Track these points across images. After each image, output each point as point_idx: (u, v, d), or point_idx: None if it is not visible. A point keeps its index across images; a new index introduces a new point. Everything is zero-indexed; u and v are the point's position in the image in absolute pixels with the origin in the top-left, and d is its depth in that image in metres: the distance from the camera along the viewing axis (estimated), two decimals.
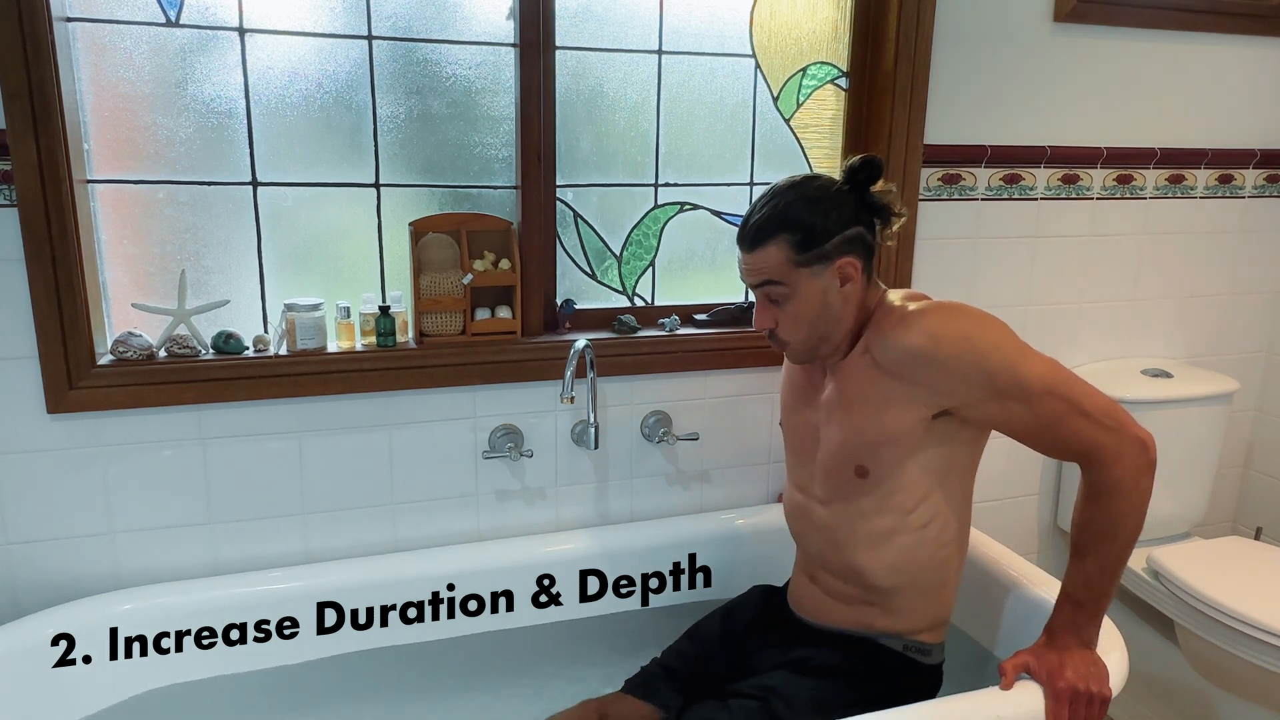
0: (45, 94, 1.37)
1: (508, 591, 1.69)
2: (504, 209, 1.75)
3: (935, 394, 1.24)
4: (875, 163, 1.27)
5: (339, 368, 1.61)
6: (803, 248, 1.25)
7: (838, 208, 1.26)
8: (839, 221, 1.26)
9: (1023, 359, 1.21)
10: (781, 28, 1.87)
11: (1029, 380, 1.20)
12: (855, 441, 1.31)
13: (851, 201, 1.27)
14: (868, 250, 1.29)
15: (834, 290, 1.27)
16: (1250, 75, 2.12)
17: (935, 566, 1.35)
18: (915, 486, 1.30)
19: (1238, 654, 1.75)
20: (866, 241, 1.28)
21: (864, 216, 1.28)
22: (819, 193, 1.27)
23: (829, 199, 1.26)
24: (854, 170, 1.27)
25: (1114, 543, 1.22)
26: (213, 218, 1.60)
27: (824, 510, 1.38)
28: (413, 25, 1.63)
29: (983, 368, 1.20)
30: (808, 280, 1.27)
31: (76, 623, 1.46)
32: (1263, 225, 2.24)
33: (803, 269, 1.26)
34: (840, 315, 1.29)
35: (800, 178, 1.30)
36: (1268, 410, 2.36)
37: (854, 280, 1.28)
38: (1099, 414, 1.20)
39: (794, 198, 1.27)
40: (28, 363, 1.46)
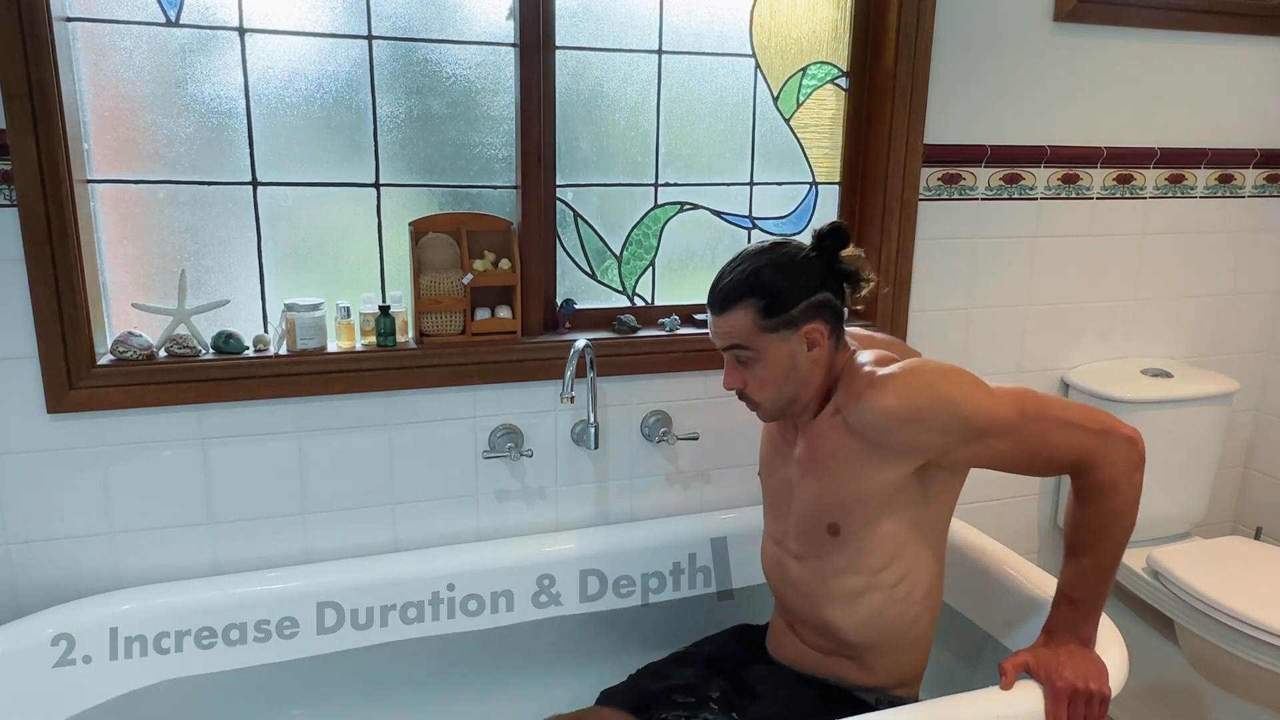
0: (45, 94, 1.37)
1: (508, 591, 1.69)
2: (504, 209, 1.75)
3: (917, 451, 1.25)
4: (842, 230, 1.29)
5: (339, 368, 1.61)
6: (769, 313, 1.27)
7: (805, 274, 1.28)
8: (806, 287, 1.27)
9: (993, 397, 1.22)
10: (781, 28, 1.87)
11: (1004, 414, 1.21)
12: (828, 501, 1.33)
13: (819, 268, 1.29)
14: (835, 315, 1.31)
15: (801, 354, 1.29)
16: (1250, 75, 2.12)
17: (906, 624, 1.36)
18: (887, 544, 1.31)
19: (1238, 654, 1.75)
20: (834, 306, 1.30)
21: (831, 282, 1.30)
22: (786, 259, 1.29)
23: (796, 265, 1.28)
24: (822, 236, 1.29)
25: (1109, 540, 1.24)
26: (213, 218, 1.60)
27: (798, 566, 1.40)
28: (413, 25, 1.63)
29: (959, 415, 1.21)
30: (774, 344, 1.28)
31: (76, 623, 1.46)
32: (1263, 225, 2.24)
33: (769, 334, 1.28)
34: (808, 378, 1.31)
35: (769, 243, 1.32)
36: (1268, 410, 2.36)
37: (821, 345, 1.29)
38: (1081, 422, 1.22)
39: (762, 263, 1.28)
40: (28, 363, 1.46)
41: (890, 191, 1.88)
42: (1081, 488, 1.25)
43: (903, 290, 1.94)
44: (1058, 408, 1.23)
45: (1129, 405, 1.99)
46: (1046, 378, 2.14)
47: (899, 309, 1.95)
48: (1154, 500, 2.06)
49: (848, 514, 1.31)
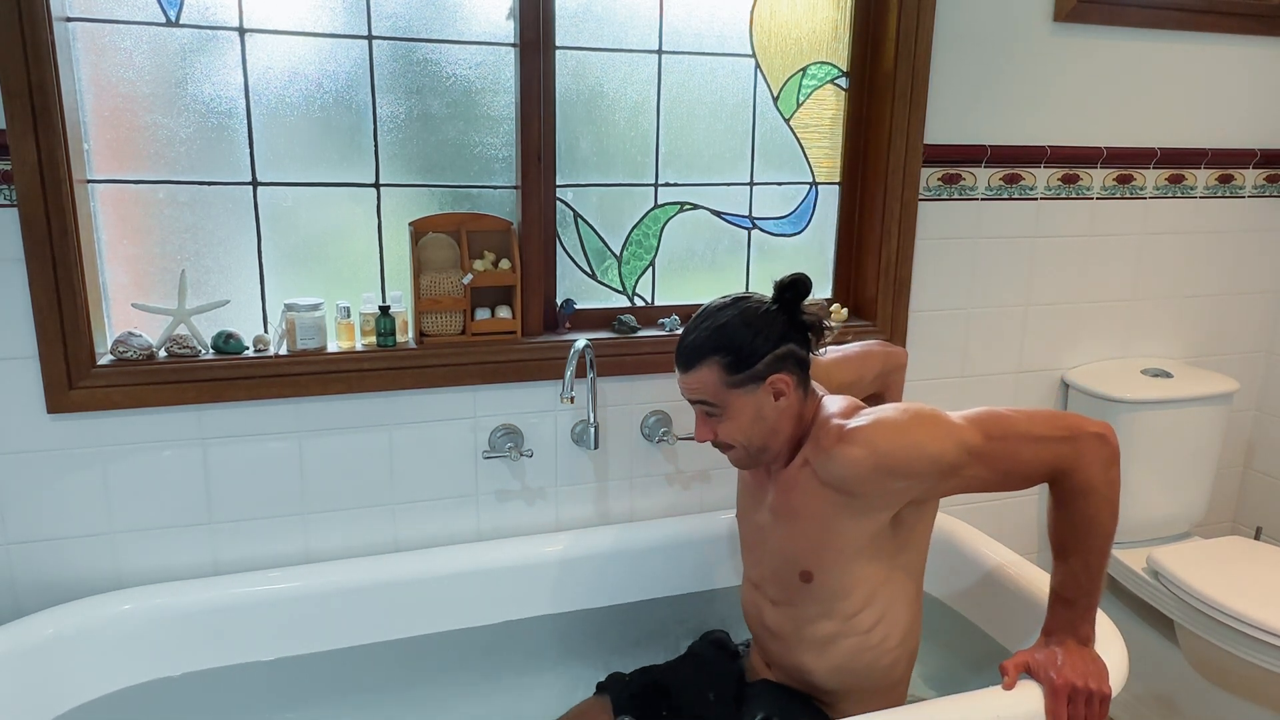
0: (45, 94, 1.37)
1: (507, 591, 1.69)
2: (504, 209, 1.75)
3: (894, 498, 1.26)
4: (803, 281, 1.30)
5: (339, 368, 1.61)
6: (734, 369, 1.28)
7: (767, 327, 1.28)
8: (769, 341, 1.28)
9: (956, 430, 1.22)
10: (781, 28, 1.87)
11: (971, 443, 1.22)
12: (801, 548, 1.33)
13: (781, 320, 1.30)
14: (800, 364, 1.31)
15: (769, 405, 1.30)
16: (1250, 75, 2.12)
17: (881, 671, 1.36)
18: (861, 590, 1.31)
19: (1238, 654, 1.75)
20: (798, 357, 1.31)
21: (794, 334, 1.30)
22: (749, 314, 1.29)
23: (759, 319, 1.29)
24: (783, 288, 1.30)
25: (1095, 539, 1.24)
26: (213, 218, 1.60)
27: (773, 610, 1.40)
28: (413, 25, 1.63)
29: (927, 457, 1.22)
30: (741, 398, 1.29)
31: (76, 623, 1.46)
32: (1263, 225, 2.24)
33: (736, 389, 1.29)
34: (777, 427, 1.32)
35: (731, 299, 1.33)
36: (1268, 410, 2.36)
37: (787, 395, 1.30)
38: (1048, 432, 1.23)
39: (724, 320, 1.29)
40: (28, 363, 1.46)
41: (890, 191, 1.88)
42: (1059, 493, 1.25)
43: (903, 290, 1.94)
44: (1022, 422, 1.23)
45: (1129, 405, 1.99)
46: (1046, 378, 2.14)
47: (899, 309, 1.95)
48: (1154, 500, 2.07)
49: (820, 562, 1.31)
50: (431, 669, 1.65)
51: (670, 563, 1.78)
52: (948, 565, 1.76)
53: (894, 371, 1.65)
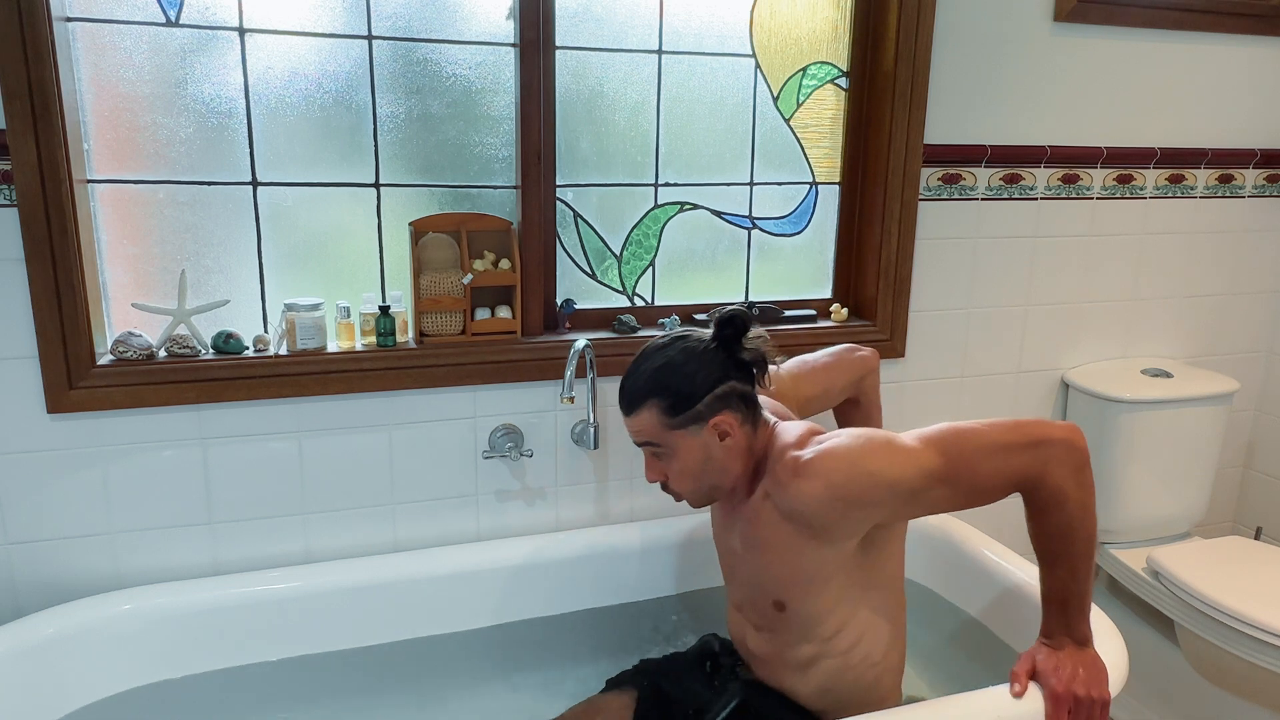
0: (45, 94, 1.37)
1: (507, 591, 1.69)
2: (504, 209, 1.75)
3: (857, 526, 1.24)
4: (741, 317, 1.27)
5: (339, 368, 1.61)
6: (674, 411, 1.25)
7: (706, 367, 1.26)
8: (708, 380, 1.25)
9: (913, 454, 1.19)
10: (781, 28, 1.87)
11: (930, 466, 1.18)
12: (771, 579, 1.32)
13: (721, 358, 1.27)
14: (745, 400, 1.28)
15: (714, 446, 1.27)
16: (1250, 75, 2.12)
17: (866, 687, 1.34)
18: (837, 613, 1.30)
19: (1238, 654, 1.75)
20: (741, 393, 1.28)
21: (735, 371, 1.27)
22: (685, 354, 1.27)
23: (696, 359, 1.26)
24: (721, 325, 1.27)
25: (1075, 544, 1.21)
26: (213, 218, 1.60)
27: (755, 634, 1.40)
28: (413, 25, 1.63)
29: (884, 483, 1.18)
30: (685, 440, 1.27)
31: (76, 623, 1.46)
32: (1263, 225, 2.24)
33: (678, 431, 1.26)
34: (726, 466, 1.29)
35: (669, 339, 1.30)
36: (1268, 410, 2.36)
37: (733, 434, 1.27)
38: (1010, 442, 1.19)
39: (662, 361, 1.27)
40: (28, 363, 1.46)
41: (890, 191, 1.88)
42: (1032, 504, 1.22)
43: (903, 290, 1.94)
44: (982, 436, 1.19)
45: (1129, 405, 1.99)
46: (1046, 378, 2.14)
47: (899, 309, 1.95)
48: (1154, 500, 2.07)
49: (791, 592, 1.30)
50: (431, 669, 1.64)
51: (670, 562, 1.78)
52: (947, 563, 1.76)
53: (867, 376, 1.63)
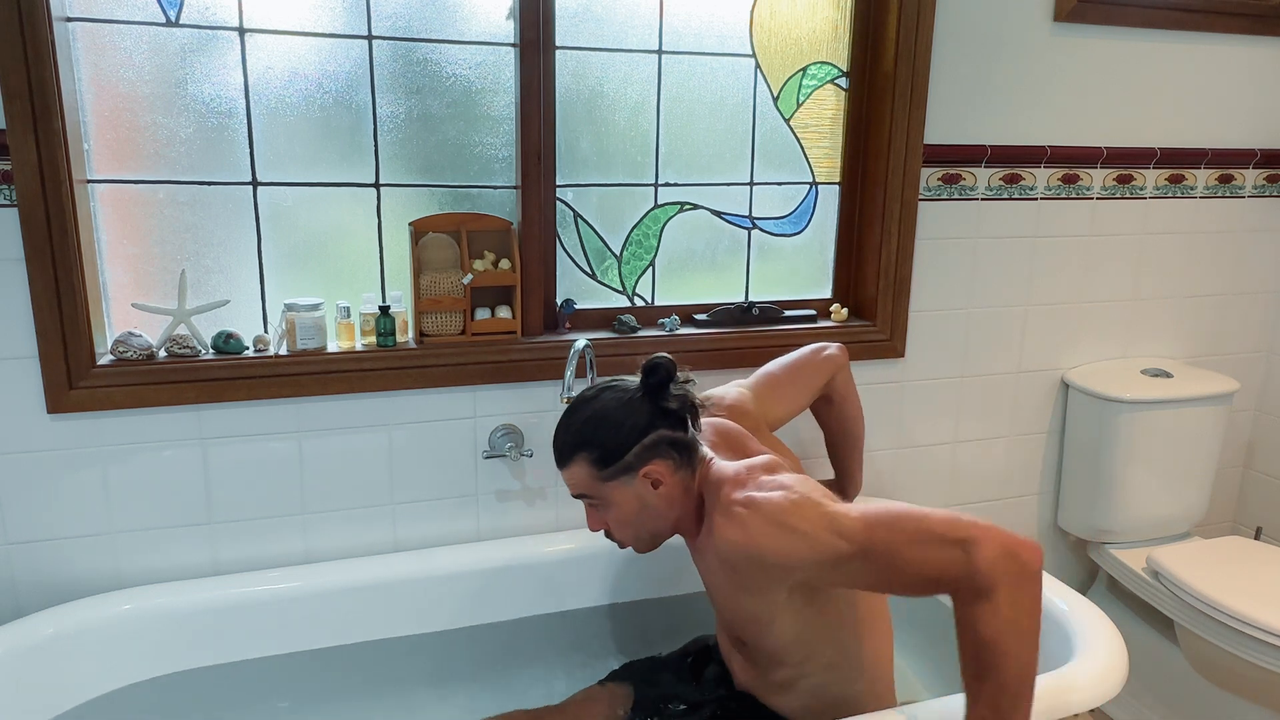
0: (45, 94, 1.37)
1: (507, 591, 1.69)
2: (504, 209, 1.75)
3: (775, 581, 1.20)
4: (664, 364, 1.26)
5: (339, 368, 1.61)
6: (604, 463, 1.25)
7: (631, 417, 1.25)
8: (635, 431, 1.24)
9: (838, 525, 1.12)
10: (781, 28, 1.87)
11: (852, 536, 1.11)
12: (727, 617, 1.32)
13: (647, 407, 1.26)
14: (676, 447, 1.26)
15: (648, 494, 1.26)
16: (1250, 75, 2.12)
17: (854, 698, 1.32)
18: (802, 643, 1.28)
19: (1238, 654, 1.75)
20: (671, 440, 1.25)
21: (662, 419, 1.25)
22: (610, 406, 1.26)
23: (623, 409, 1.25)
24: (646, 373, 1.26)
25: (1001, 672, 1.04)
26: (213, 218, 1.60)
27: (738, 657, 1.39)
28: (413, 25, 1.63)
29: (802, 548, 1.13)
30: (618, 491, 1.26)
31: (76, 623, 1.46)
32: (1263, 225, 2.24)
33: (610, 482, 1.26)
34: (663, 512, 1.28)
35: (597, 389, 1.30)
36: (1268, 410, 2.36)
37: (666, 482, 1.26)
38: (946, 532, 1.08)
39: (589, 414, 1.26)
40: (28, 363, 1.46)
41: (890, 191, 1.88)
42: (956, 608, 1.09)
43: (903, 290, 1.94)
44: (921, 521, 1.09)
45: (1129, 405, 1.99)
46: (1046, 378, 2.14)
47: (899, 309, 1.95)
48: (1154, 500, 2.07)
49: (746, 630, 1.29)
50: (432, 669, 1.65)
51: (670, 562, 1.78)
52: None
53: (837, 374, 1.61)
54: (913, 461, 2.06)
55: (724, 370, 1.85)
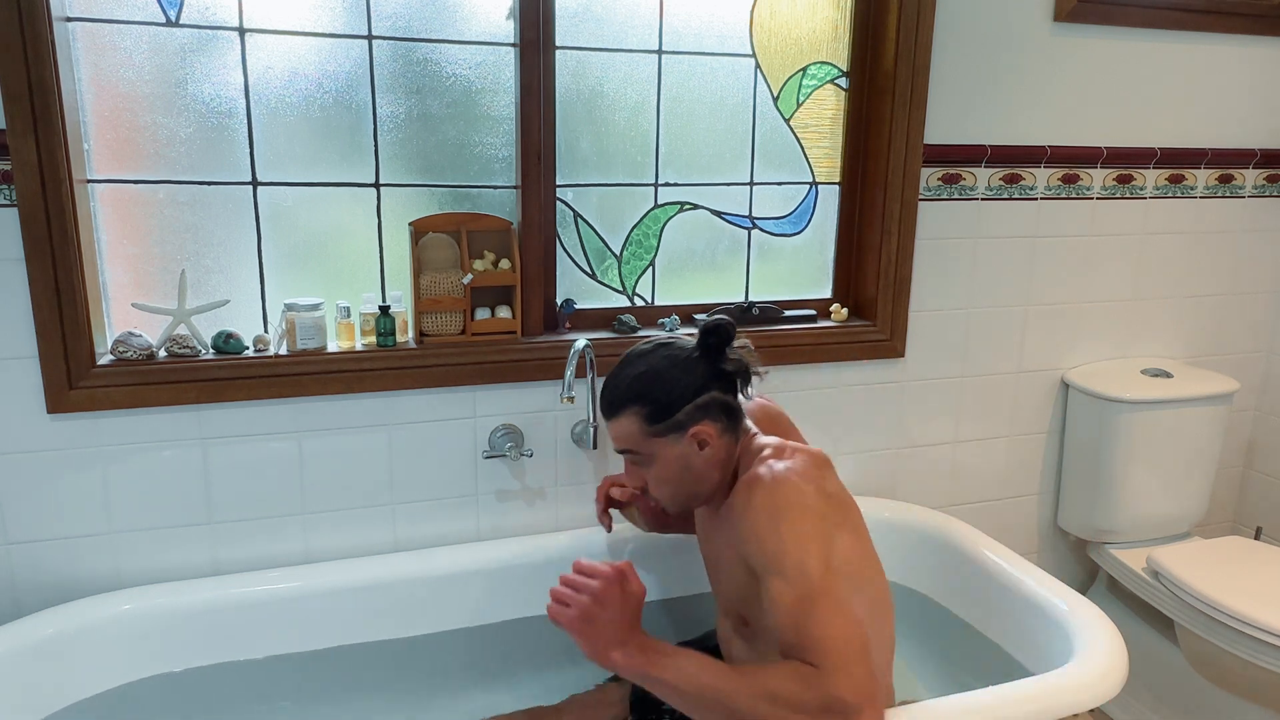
0: (45, 94, 1.37)
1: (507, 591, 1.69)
2: (504, 209, 1.75)
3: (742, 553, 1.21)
4: (725, 326, 1.26)
5: (339, 368, 1.61)
6: (654, 419, 1.25)
7: (687, 375, 1.25)
8: (689, 390, 1.25)
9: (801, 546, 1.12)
10: (781, 27, 1.87)
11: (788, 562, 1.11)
12: (732, 593, 1.32)
13: (704, 367, 1.26)
14: (726, 411, 1.28)
15: (693, 454, 1.27)
16: (1250, 75, 2.12)
17: None
18: None
19: (1238, 654, 1.75)
20: (722, 403, 1.27)
21: (717, 381, 1.27)
22: (667, 362, 1.26)
23: (678, 367, 1.26)
24: (705, 334, 1.27)
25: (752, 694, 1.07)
26: (213, 218, 1.60)
27: (739, 642, 1.38)
28: (413, 25, 1.63)
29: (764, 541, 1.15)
30: (664, 448, 1.27)
31: (76, 623, 1.46)
32: (1263, 225, 2.24)
33: (658, 438, 1.26)
34: (704, 474, 1.29)
35: (653, 345, 1.30)
36: (1268, 410, 2.36)
37: (712, 444, 1.26)
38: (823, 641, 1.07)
39: (644, 368, 1.27)
40: (28, 363, 1.47)
41: (890, 191, 1.88)
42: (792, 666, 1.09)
43: (903, 290, 1.94)
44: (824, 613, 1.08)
45: (1129, 405, 1.99)
46: (1046, 378, 2.14)
47: (899, 309, 1.95)
48: (1154, 500, 2.07)
49: (748, 607, 1.29)
50: (431, 669, 1.65)
51: (670, 562, 1.78)
52: (948, 564, 1.76)
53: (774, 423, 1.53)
54: (913, 461, 2.06)
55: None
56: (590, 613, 1.12)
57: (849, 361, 1.94)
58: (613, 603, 1.12)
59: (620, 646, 1.12)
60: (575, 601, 1.13)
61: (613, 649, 1.12)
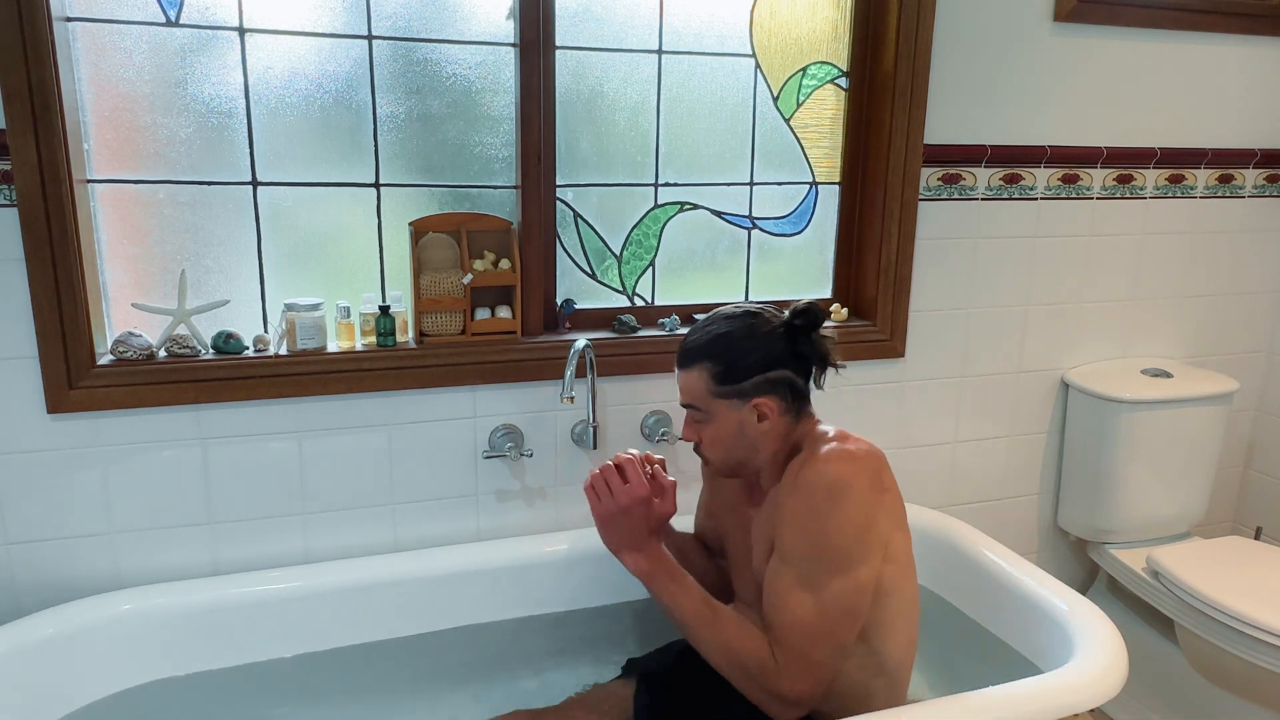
0: (45, 94, 1.37)
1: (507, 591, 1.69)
2: (504, 209, 1.75)
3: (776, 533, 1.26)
4: (815, 312, 1.28)
5: (339, 368, 1.61)
6: (721, 380, 1.28)
7: (764, 348, 1.27)
8: (762, 362, 1.27)
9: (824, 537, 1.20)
10: (781, 27, 1.87)
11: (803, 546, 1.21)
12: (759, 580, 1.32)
13: (783, 345, 1.28)
14: (793, 390, 1.29)
15: (751, 424, 1.29)
16: (1250, 75, 2.12)
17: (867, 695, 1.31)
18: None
19: (1238, 654, 1.75)
20: (791, 383, 1.29)
21: (793, 361, 1.28)
22: (748, 330, 1.28)
23: (758, 338, 1.28)
24: (795, 314, 1.28)
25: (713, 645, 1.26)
26: (213, 218, 1.60)
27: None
28: (413, 25, 1.63)
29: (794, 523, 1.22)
30: (724, 410, 1.29)
31: (76, 623, 1.46)
32: (1263, 225, 2.24)
33: (720, 400, 1.29)
34: (758, 445, 1.31)
35: (740, 310, 1.32)
36: (1268, 410, 2.36)
37: (770, 419, 1.29)
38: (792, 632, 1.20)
39: (726, 330, 1.29)
40: (28, 363, 1.46)
41: (890, 191, 1.88)
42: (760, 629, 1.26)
43: (903, 290, 1.94)
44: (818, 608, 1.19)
45: (1129, 405, 1.99)
46: (1046, 378, 2.14)
47: (899, 309, 1.95)
48: (1154, 500, 2.07)
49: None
50: (431, 668, 1.65)
51: None
52: (948, 564, 1.76)
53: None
54: (913, 461, 2.06)
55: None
56: (614, 517, 1.31)
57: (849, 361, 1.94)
58: (636, 514, 1.30)
59: (633, 551, 1.32)
60: (605, 499, 1.31)
61: (625, 551, 1.33)
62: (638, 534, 1.31)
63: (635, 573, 1.32)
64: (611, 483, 1.30)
